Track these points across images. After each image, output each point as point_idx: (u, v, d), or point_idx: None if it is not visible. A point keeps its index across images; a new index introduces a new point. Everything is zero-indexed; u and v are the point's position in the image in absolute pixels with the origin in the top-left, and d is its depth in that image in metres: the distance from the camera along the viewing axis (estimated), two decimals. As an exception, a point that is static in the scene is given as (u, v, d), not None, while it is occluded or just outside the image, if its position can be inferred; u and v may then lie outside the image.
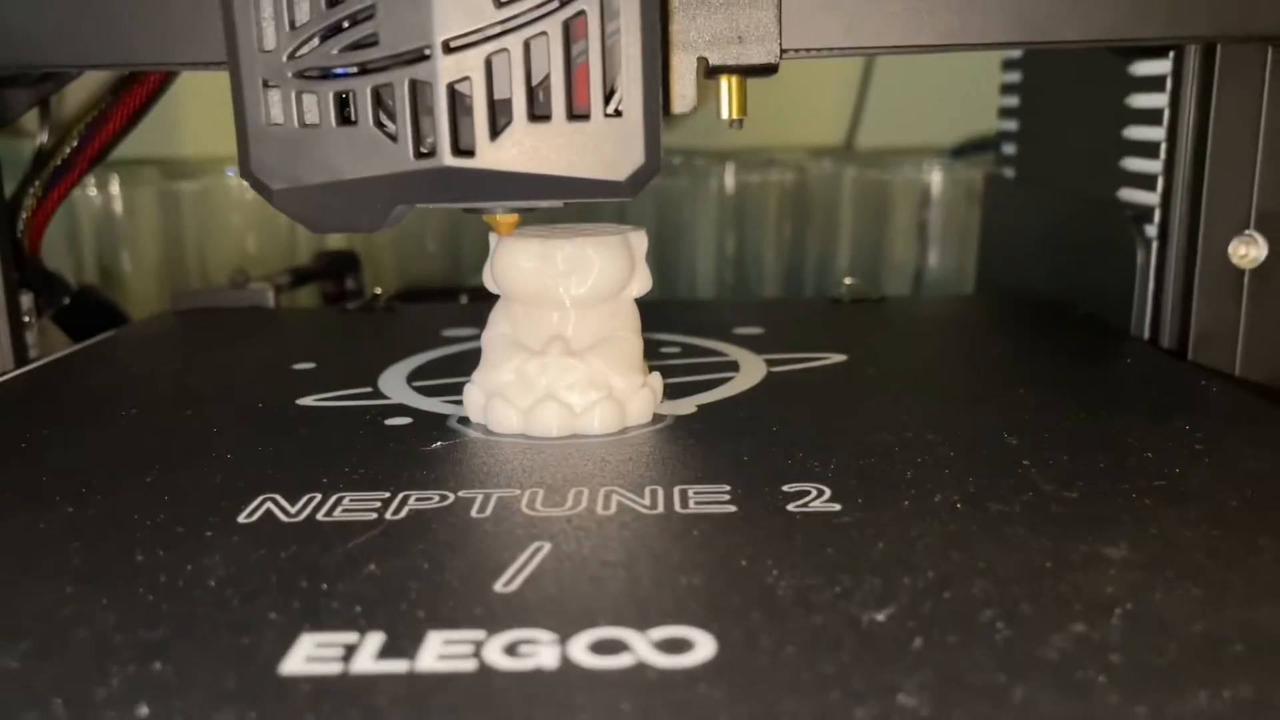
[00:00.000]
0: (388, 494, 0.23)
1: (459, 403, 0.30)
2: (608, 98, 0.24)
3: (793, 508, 0.22)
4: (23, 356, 0.38)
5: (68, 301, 0.44)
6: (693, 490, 0.23)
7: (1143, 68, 0.38)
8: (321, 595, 0.19)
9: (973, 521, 0.21)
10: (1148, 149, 0.38)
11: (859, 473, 0.24)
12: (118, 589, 0.19)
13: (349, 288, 0.56)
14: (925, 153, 0.66)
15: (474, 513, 0.22)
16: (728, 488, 0.24)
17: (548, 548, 0.21)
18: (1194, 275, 0.36)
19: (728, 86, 0.30)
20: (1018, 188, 0.51)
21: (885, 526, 0.21)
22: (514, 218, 0.28)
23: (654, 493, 0.23)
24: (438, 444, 0.27)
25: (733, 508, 0.22)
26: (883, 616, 0.17)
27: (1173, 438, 0.26)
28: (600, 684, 0.16)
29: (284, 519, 0.22)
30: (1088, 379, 0.33)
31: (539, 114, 0.24)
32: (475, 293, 0.54)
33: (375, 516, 0.22)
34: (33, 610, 0.18)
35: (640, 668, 0.16)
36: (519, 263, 0.28)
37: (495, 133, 0.24)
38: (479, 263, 0.29)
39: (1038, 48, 0.40)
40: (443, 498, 0.23)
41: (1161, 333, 0.37)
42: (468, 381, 0.29)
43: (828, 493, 0.23)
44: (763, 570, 0.19)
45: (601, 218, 0.31)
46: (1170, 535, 0.21)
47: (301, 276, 0.53)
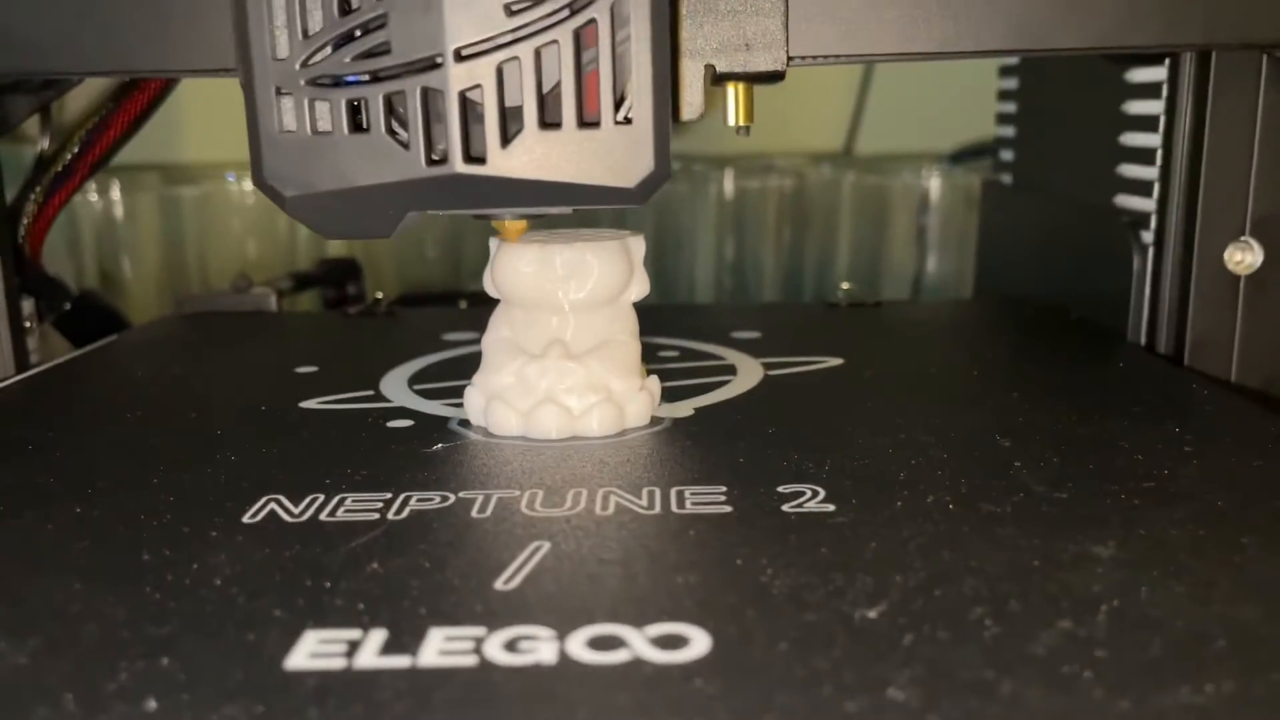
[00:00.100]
0: (390, 495, 0.24)
1: (460, 405, 0.30)
2: (617, 105, 0.25)
3: (788, 508, 0.23)
4: (24, 362, 0.38)
5: (69, 307, 0.44)
6: (689, 491, 0.24)
7: (1138, 74, 0.39)
8: (325, 593, 0.19)
9: (964, 522, 0.22)
10: (1144, 155, 0.38)
11: (853, 474, 0.25)
12: (125, 587, 0.19)
13: (350, 293, 0.56)
14: (924, 158, 0.66)
15: (474, 513, 0.23)
16: (724, 489, 0.24)
17: (547, 547, 0.21)
18: (1190, 281, 0.36)
19: (734, 93, 0.30)
20: (1015, 193, 0.52)
21: (878, 527, 0.21)
22: (523, 224, 0.28)
23: (651, 493, 0.24)
24: (439, 446, 0.27)
25: (729, 508, 0.23)
26: (874, 614, 0.18)
27: (1162, 440, 0.26)
28: (598, 679, 0.16)
29: (288, 519, 0.22)
30: (1080, 383, 0.33)
31: (550, 121, 0.24)
32: (475, 297, 0.54)
33: (377, 517, 0.23)
34: (42, 607, 0.19)
35: (637, 663, 0.16)
36: (519, 267, 0.28)
37: (506, 140, 0.24)
38: (478, 268, 0.30)
39: (1034, 55, 0.41)
40: (444, 498, 0.24)
41: (1158, 338, 0.37)
42: (468, 385, 0.30)
43: (822, 494, 0.23)
44: (757, 569, 0.20)
45: (601, 223, 0.31)
46: (1157, 535, 0.21)
47: (303, 281, 0.53)
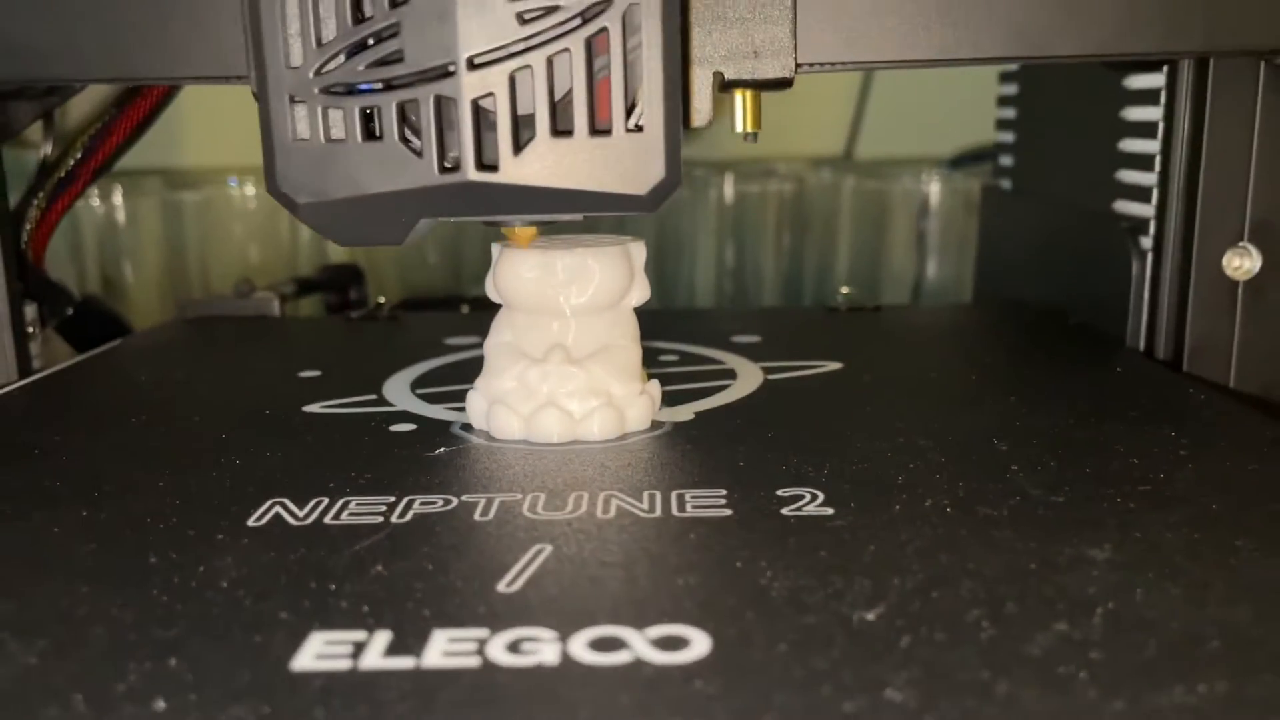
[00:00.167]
0: (393, 498, 0.24)
1: (462, 409, 0.30)
2: (629, 112, 0.25)
3: (787, 511, 0.23)
4: (26, 367, 0.38)
5: (71, 312, 0.44)
6: (690, 495, 0.24)
7: (1137, 81, 0.39)
8: (330, 595, 0.19)
9: (962, 525, 0.22)
10: (1143, 161, 0.38)
11: (852, 478, 0.25)
12: (132, 589, 0.20)
13: (352, 298, 0.56)
14: (923, 163, 0.66)
15: (477, 516, 0.23)
16: (724, 492, 0.24)
17: (549, 550, 0.21)
18: (1188, 286, 0.36)
19: (742, 100, 0.30)
20: (1015, 199, 0.52)
21: (876, 530, 0.22)
22: (532, 230, 0.28)
23: (652, 497, 0.24)
24: (441, 449, 0.28)
25: (728, 511, 0.23)
26: (872, 616, 0.18)
27: (1159, 444, 0.27)
28: (599, 680, 0.16)
29: (292, 522, 0.23)
30: (1078, 387, 0.33)
31: (561, 129, 0.25)
32: (476, 302, 0.54)
33: (381, 520, 0.23)
34: (51, 609, 0.19)
35: (638, 664, 0.17)
36: (521, 273, 0.28)
37: (518, 148, 0.25)
38: (479, 273, 0.30)
39: (1033, 62, 0.41)
40: (446, 502, 0.24)
41: (1157, 343, 0.37)
42: (470, 389, 0.30)
43: (821, 497, 0.24)
44: (757, 572, 0.20)
45: (601, 228, 0.31)
46: (1152, 538, 0.21)
47: (306, 286, 0.53)
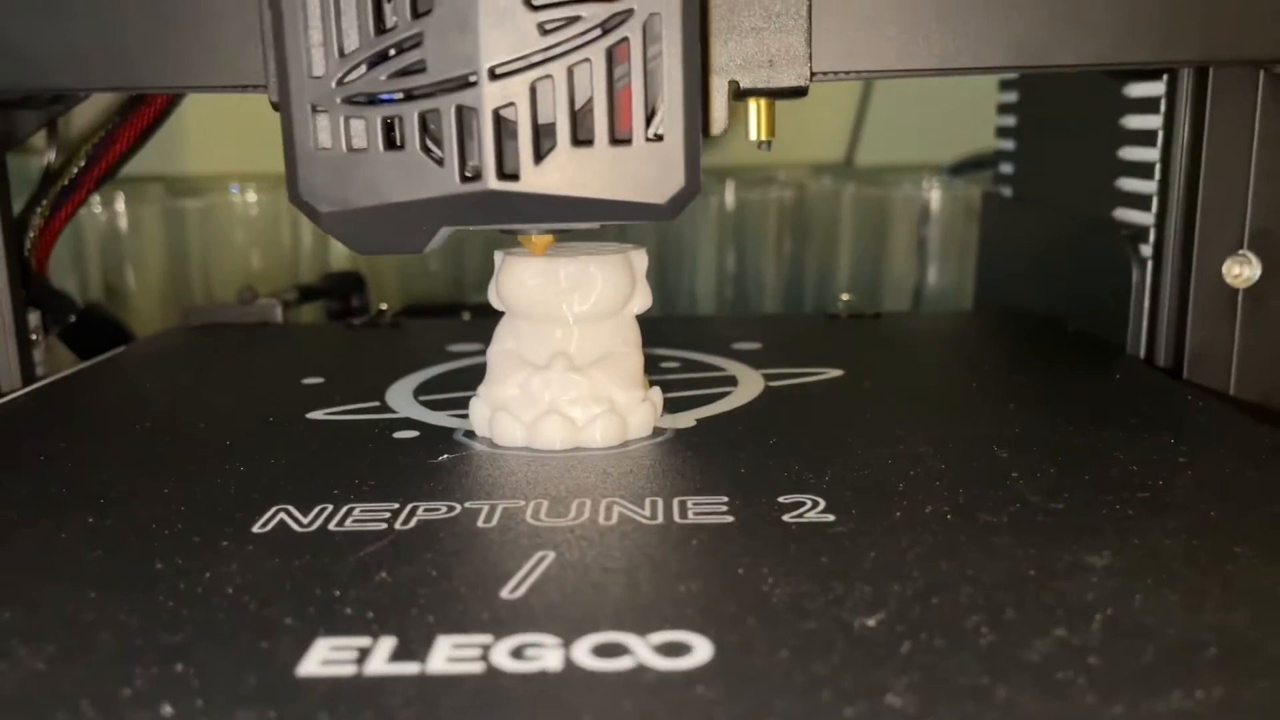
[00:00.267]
0: (397, 505, 0.24)
1: (465, 416, 0.30)
2: (648, 120, 0.25)
3: (788, 518, 0.23)
4: (30, 374, 0.39)
5: (74, 319, 0.44)
6: (691, 501, 0.24)
7: (1137, 89, 0.39)
8: (335, 601, 0.19)
9: (961, 531, 0.22)
10: (1143, 169, 0.38)
11: (853, 485, 0.25)
12: (139, 595, 0.20)
13: (354, 305, 0.56)
14: (924, 170, 0.66)
15: (480, 523, 0.23)
16: (726, 499, 0.24)
17: (552, 556, 0.21)
18: (1188, 294, 0.36)
19: (756, 109, 0.30)
20: (1015, 206, 0.52)
21: (877, 536, 0.22)
22: (549, 238, 0.29)
23: (654, 504, 0.24)
24: (444, 456, 0.28)
25: (730, 518, 0.23)
26: (873, 622, 0.18)
27: (1158, 451, 0.27)
28: (602, 685, 0.16)
29: (297, 529, 0.23)
30: (1078, 394, 0.33)
31: (582, 139, 0.25)
32: (477, 309, 0.54)
33: (385, 526, 0.23)
34: (58, 615, 0.19)
35: (640, 670, 0.17)
36: (524, 280, 0.29)
37: (539, 157, 0.25)
38: (480, 280, 0.30)
39: (1033, 72, 0.41)
40: (450, 508, 0.24)
41: (1157, 351, 0.38)
42: (473, 396, 0.30)
43: (822, 504, 0.24)
44: (758, 578, 0.20)
45: (603, 236, 0.31)
46: (1151, 544, 0.21)
47: (308, 293, 0.54)
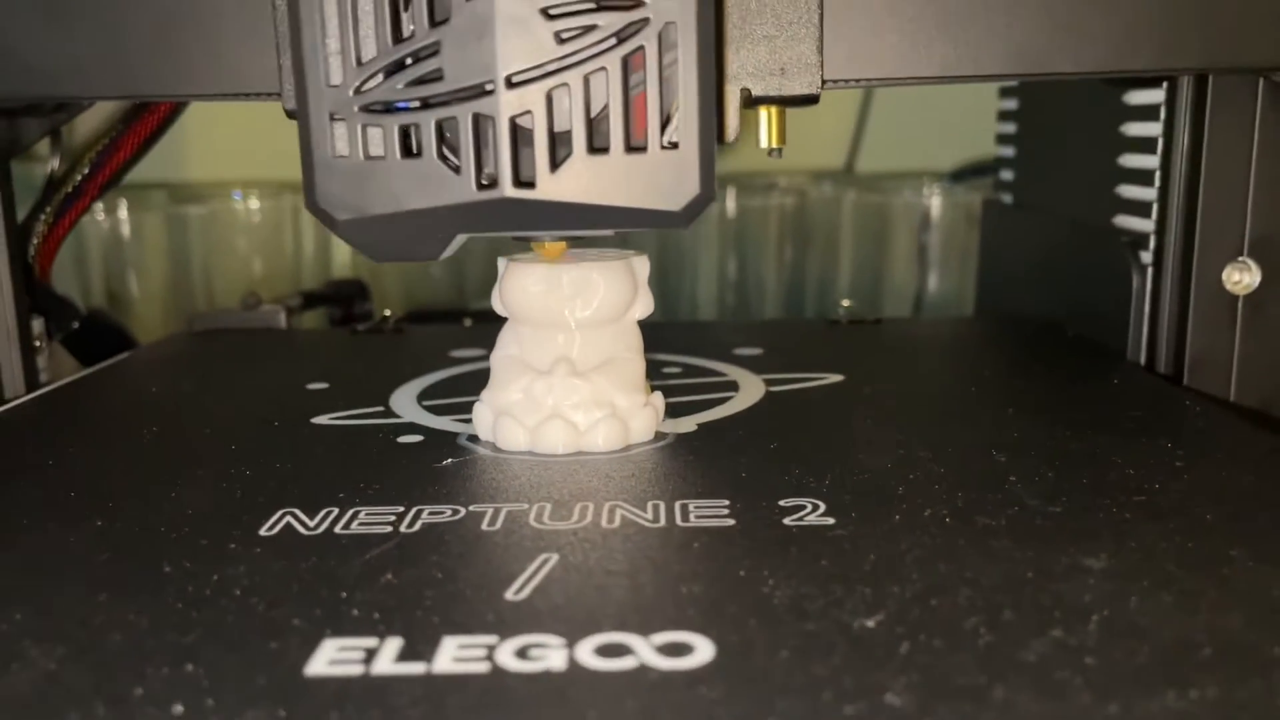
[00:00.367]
0: (402, 508, 0.24)
1: (468, 421, 0.31)
2: (663, 127, 0.25)
3: (789, 521, 0.23)
4: (34, 381, 0.39)
5: (77, 326, 0.44)
6: (693, 505, 0.24)
7: (1137, 97, 0.39)
8: (342, 603, 0.20)
9: (960, 535, 0.22)
10: (1143, 176, 0.39)
11: (853, 488, 0.25)
12: (148, 597, 0.20)
13: (357, 312, 0.57)
14: (925, 177, 0.66)
15: (484, 526, 0.23)
16: (727, 502, 0.24)
17: (555, 559, 0.21)
18: (1188, 301, 0.36)
19: (767, 116, 0.31)
20: (1016, 213, 0.52)
21: (877, 539, 0.22)
22: (562, 245, 0.29)
23: (656, 507, 0.24)
24: (448, 460, 0.28)
25: (731, 521, 0.23)
26: (872, 623, 0.18)
27: (1155, 456, 0.27)
28: (605, 685, 0.17)
29: (303, 532, 0.23)
30: (1077, 400, 0.34)
31: (597, 146, 0.25)
32: (480, 315, 0.54)
33: (390, 529, 0.23)
34: (69, 617, 0.19)
35: (643, 670, 0.17)
36: (526, 286, 0.29)
37: (555, 165, 0.25)
38: (483, 286, 0.30)
39: (1033, 79, 0.41)
40: (454, 512, 0.24)
41: (1157, 357, 0.38)
42: (477, 401, 0.30)
43: (822, 507, 0.24)
44: (759, 580, 0.20)
45: (605, 242, 0.32)
46: (1147, 547, 0.21)
47: (312, 300, 0.54)
